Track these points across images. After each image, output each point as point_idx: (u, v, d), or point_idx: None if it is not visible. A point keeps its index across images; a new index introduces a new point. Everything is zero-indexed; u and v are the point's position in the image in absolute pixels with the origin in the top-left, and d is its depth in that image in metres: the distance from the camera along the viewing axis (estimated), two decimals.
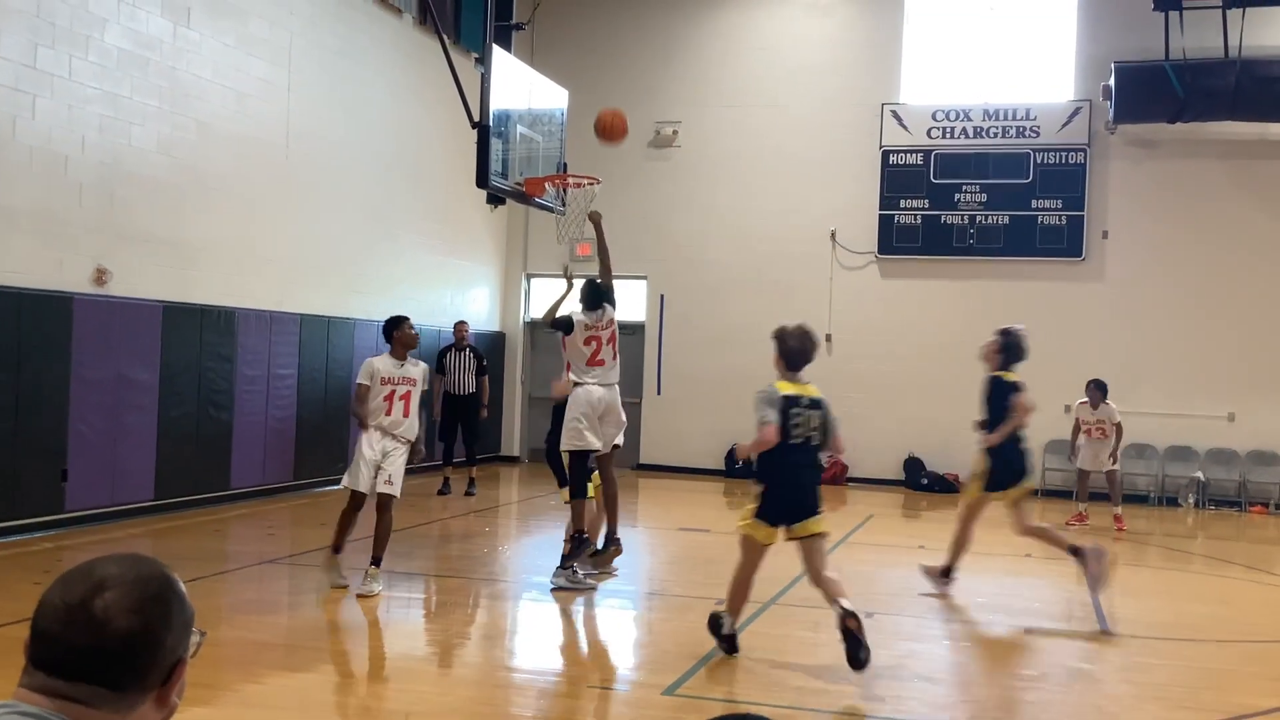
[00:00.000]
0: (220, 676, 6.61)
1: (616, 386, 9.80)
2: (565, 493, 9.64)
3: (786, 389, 7.08)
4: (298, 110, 14.08)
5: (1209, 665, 7.69)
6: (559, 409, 9.78)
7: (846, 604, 6.73)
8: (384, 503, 8.91)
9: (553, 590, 9.14)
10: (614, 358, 9.75)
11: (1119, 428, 14.14)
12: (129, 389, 11.61)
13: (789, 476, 7.07)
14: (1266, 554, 13.04)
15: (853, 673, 6.69)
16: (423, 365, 9.42)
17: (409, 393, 9.10)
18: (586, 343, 9.62)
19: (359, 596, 8.64)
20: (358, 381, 9.16)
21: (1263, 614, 9.75)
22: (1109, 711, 6.50)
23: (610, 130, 10.76)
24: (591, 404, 9.40)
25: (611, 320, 9.83)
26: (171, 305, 12.15)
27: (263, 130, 13.52)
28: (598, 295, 9.86)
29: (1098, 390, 14.12)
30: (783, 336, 7.23)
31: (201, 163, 12.57)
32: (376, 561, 8.83)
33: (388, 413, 8.95)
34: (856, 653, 6.55)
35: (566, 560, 9.15)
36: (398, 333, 9.15)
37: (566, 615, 9.07)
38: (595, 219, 10.46)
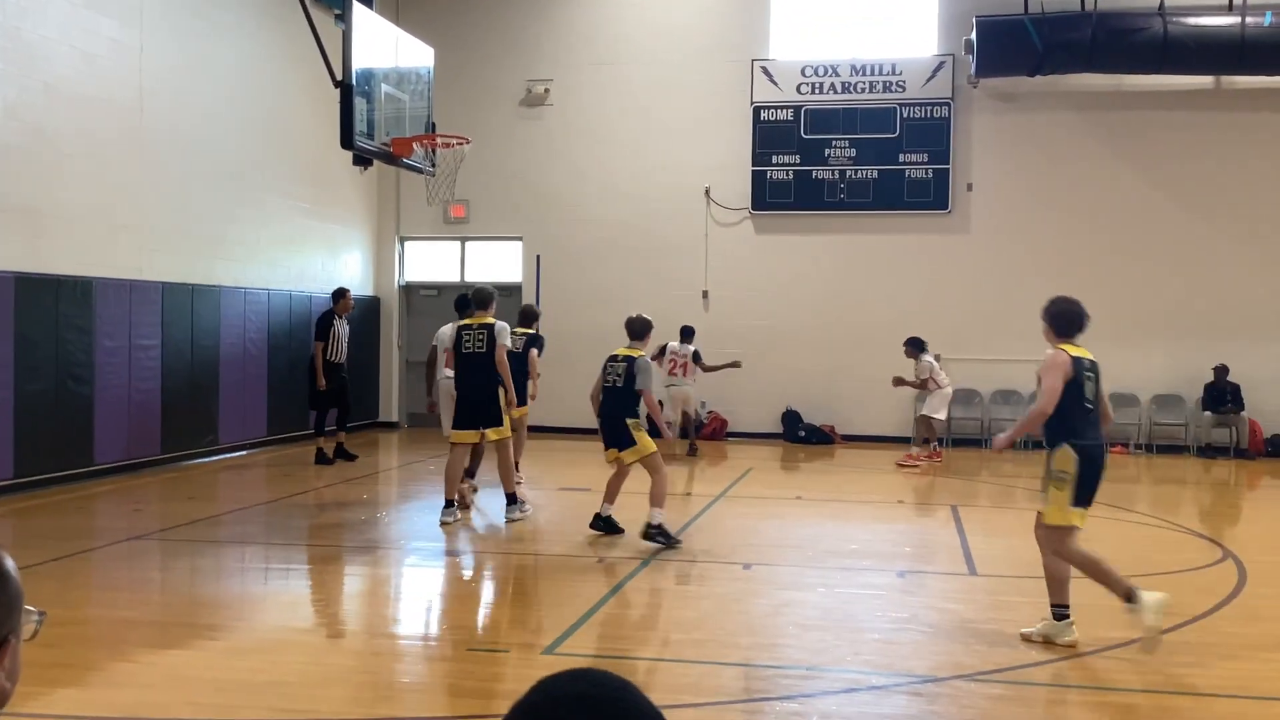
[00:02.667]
0: (87, 656, 6.43)
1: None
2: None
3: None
4: (151, 71, 13.57)
5: (1073, 600, 7.96)
6: None
7: None
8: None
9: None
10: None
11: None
12: None
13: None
14: (1127, 492, 13.56)
15: (728, 624, 6.78)
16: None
17: None
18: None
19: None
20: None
21: (1122, 550, 10.12)
22: (976, 649, 6.70)
23: None
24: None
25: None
26: (24, 276, 11.67)
27: (114, 91, 13.01)
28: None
29: (912, 346, 15.57)
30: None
31: (50, 126, 12.05)
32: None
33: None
34: None
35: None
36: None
37: (446, 580, 9.02)
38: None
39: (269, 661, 6.44)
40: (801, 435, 18.08)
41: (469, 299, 10.88)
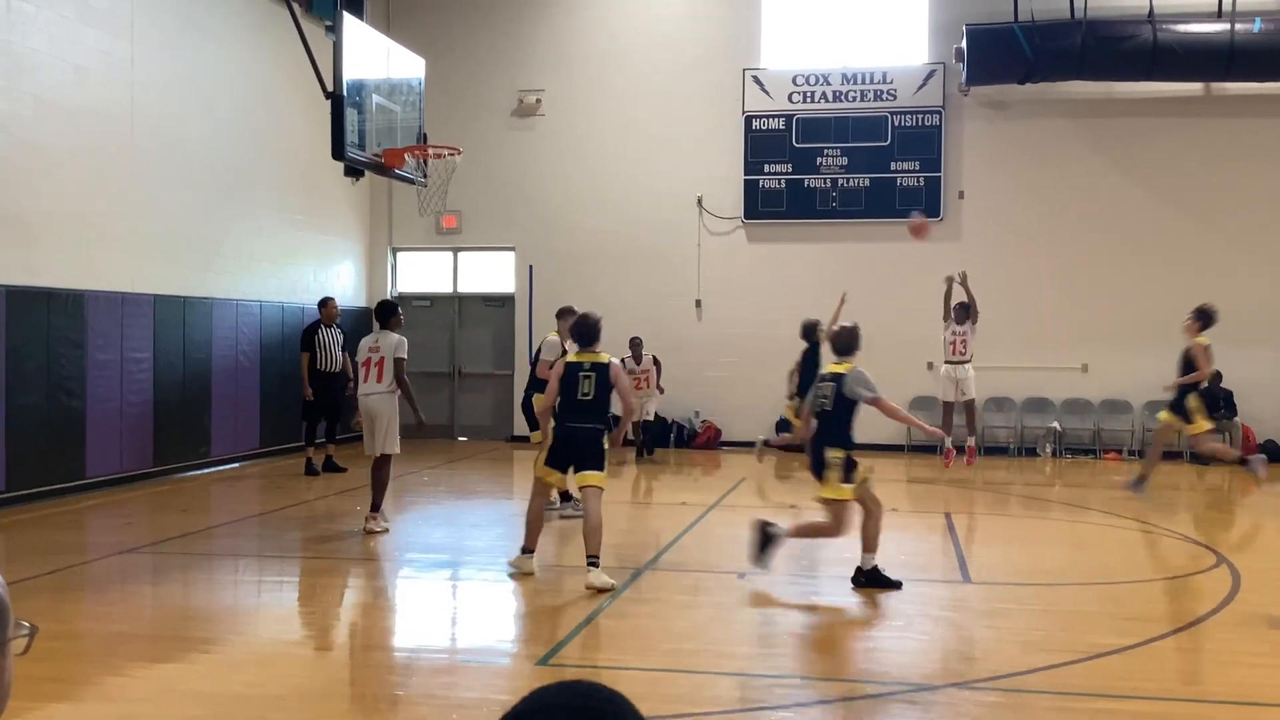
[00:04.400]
0: (78, 670, 6.39)
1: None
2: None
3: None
4: (142, 83, 13.55)
5: (1066, 608, 7.98)
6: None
7: None
8: None
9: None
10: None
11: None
12: None
13: None
14: (1121, 499, 13.56)
15: (723, 634, 6.76)
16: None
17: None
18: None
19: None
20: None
21: (1117, 556, 10.16)
22: (969, 656, 6.69)
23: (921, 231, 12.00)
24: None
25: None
26: (15, 289, 11.63)
27: (105, 104, 12.99)
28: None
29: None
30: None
31: (41, 139, 12.03)
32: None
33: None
34: None
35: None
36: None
37: (439, 592, 8.99)
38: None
39: (263, 675, 6.42)
40: (795, 444, 18.03)
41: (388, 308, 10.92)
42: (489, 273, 19.60)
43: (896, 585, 8.21)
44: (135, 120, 13.48)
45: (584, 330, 8.83)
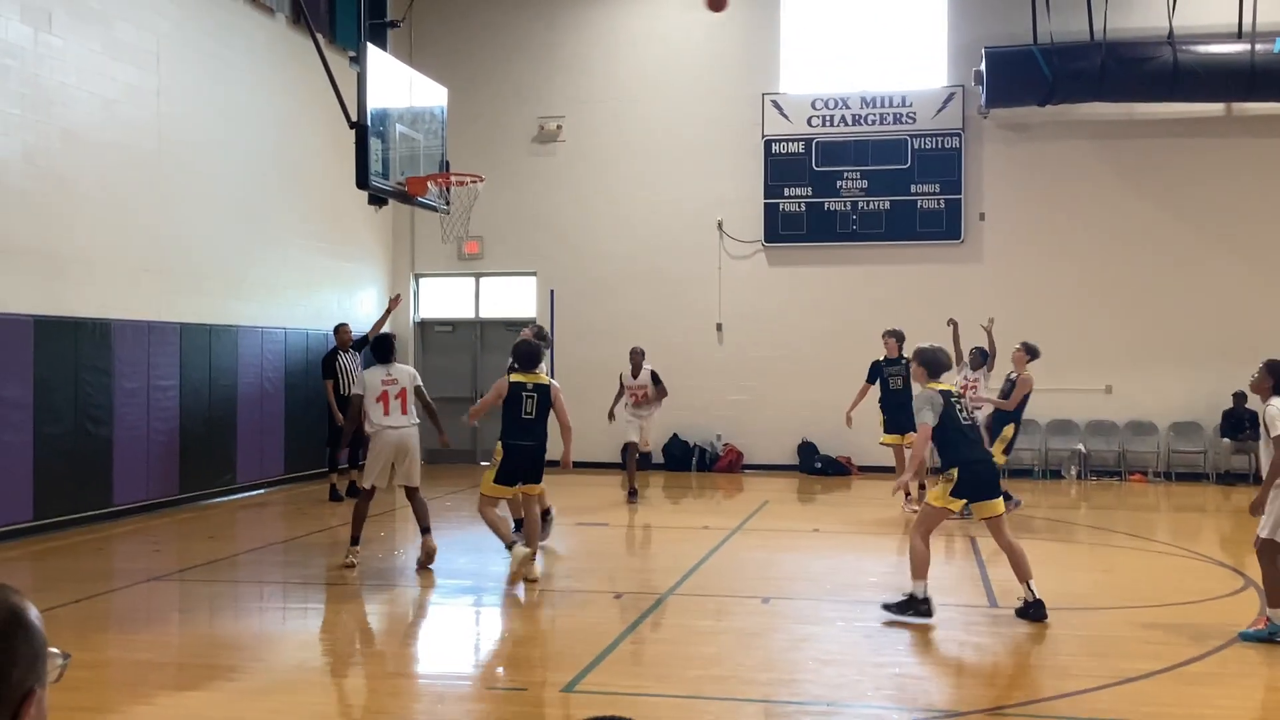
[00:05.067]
0: (107, 699, 6.44)
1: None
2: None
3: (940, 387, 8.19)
4: (169, 115, 13.72)
5: (1094, 633, 7.93)
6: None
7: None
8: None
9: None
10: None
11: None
12: (1, 407, 11.21)
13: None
14: (1147, 521, 13.50)
15: (748, 660, 6.74)
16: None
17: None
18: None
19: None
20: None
21: (1144, 580, 10.09)
22: (997, 683, 6.66)
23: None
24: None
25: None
26: (43, 319, 11.76)
27: (132, 136, 13.15)
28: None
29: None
30: (921, 351, 8.39)
31: (69, 171, 12.19)
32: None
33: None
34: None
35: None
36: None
37: (463, 618, 9.01)
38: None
39: (288, 702, 6.44)
40: (818, 467, 18.04)
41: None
42: (511, 298, 19.69)
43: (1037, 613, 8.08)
44: (162, 152, 13.63)
45: (526, 354, 9.53)
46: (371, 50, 11.13)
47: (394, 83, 11.72)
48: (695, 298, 18.77)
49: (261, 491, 15.53)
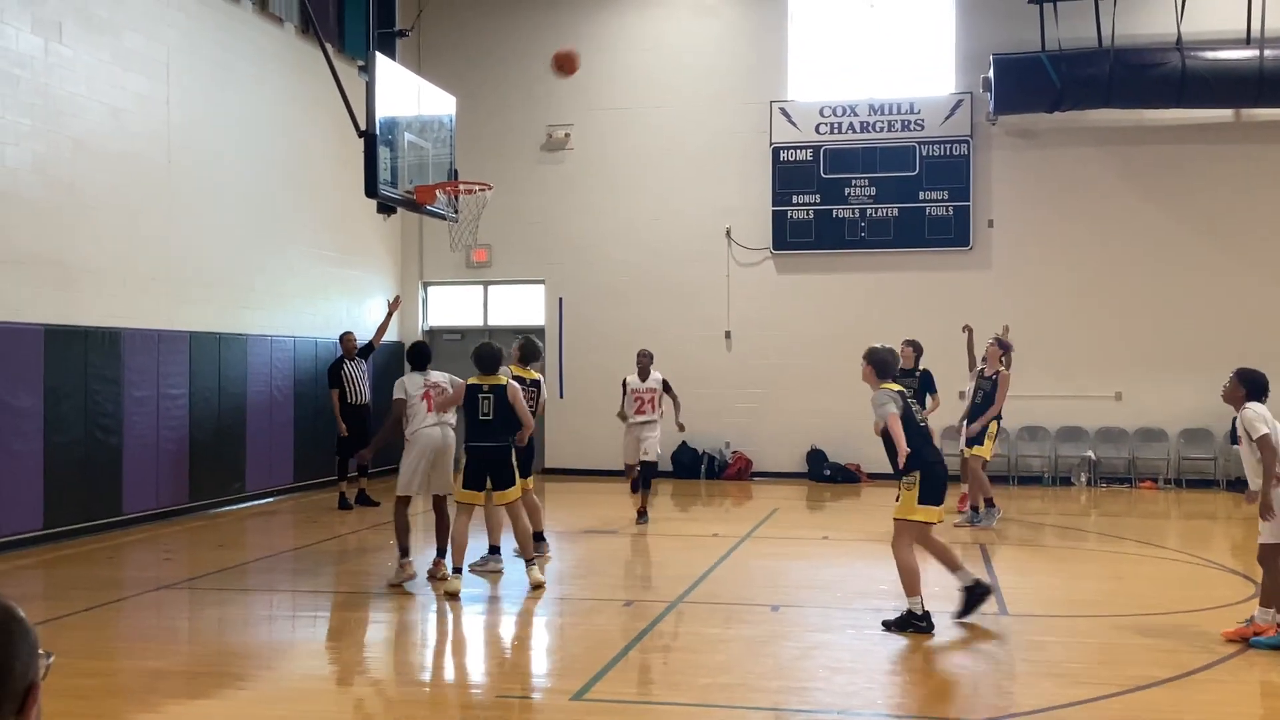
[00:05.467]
0: (116, 707, 6.44)
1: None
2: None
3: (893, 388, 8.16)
4: (178, 124, 13.77)
5: (1103, 640, 7.91)
6: None
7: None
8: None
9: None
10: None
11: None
12: (11, 416, 11.25)
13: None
14: (1157, 528, 13.45)
15: (757, 667, 6.72)
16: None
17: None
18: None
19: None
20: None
21: (1154, 587, 10.06)
22: (1006, 690, 6.64)
23: (567, 64, 11.77)
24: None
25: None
26: (53, 328, 11.80)
27: (142, 145, 13.20)
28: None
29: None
30: (872, 351, 8.35)
31: (79, 181, 12.23)
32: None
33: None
34: None
35: None
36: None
37: (473, 625, 9.01)
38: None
39: (297, 711, 6.45)
40: (827, 474, 18.01)
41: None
42: (519, 306, 19.71)
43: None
44: (171, 161, 13.68)
45: (483, 356, 9.66)
46: (380, 59, 11.16)
47: (402, 91, 11.74)
48: (703, 305, 18.77)
49: (271, 500, 15.55)
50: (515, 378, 10.16)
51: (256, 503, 15.25)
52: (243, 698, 6.69)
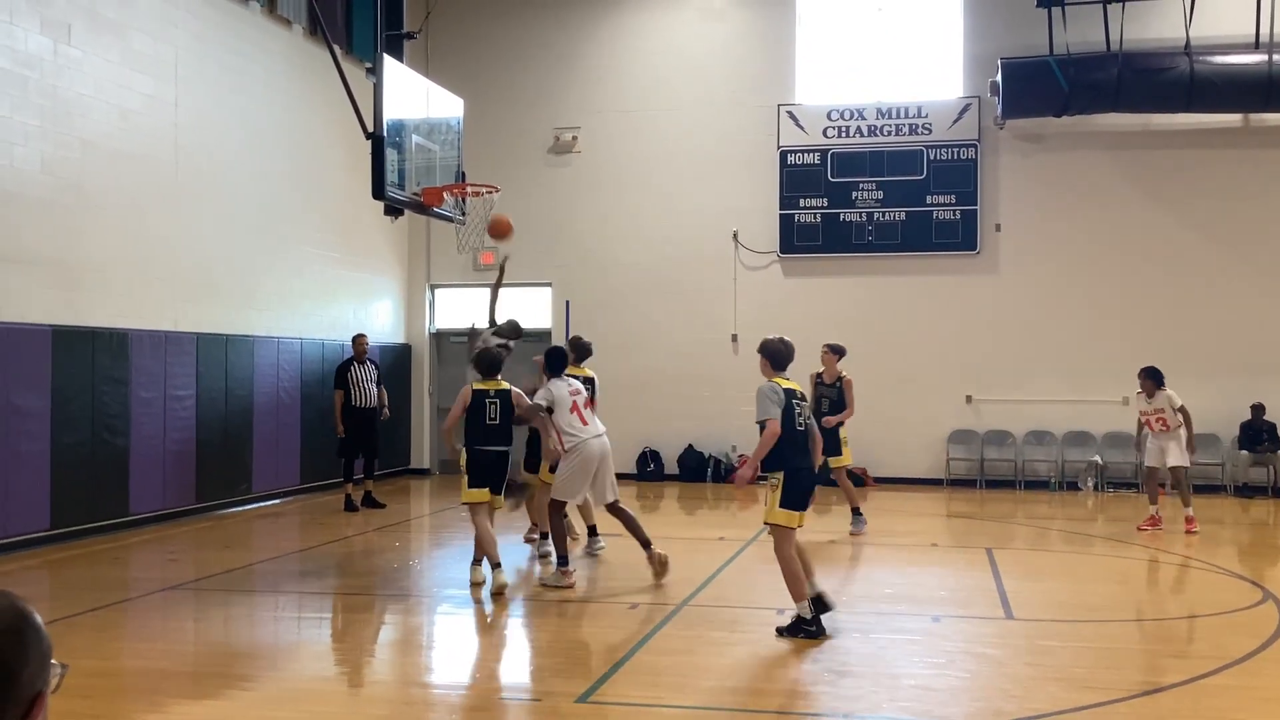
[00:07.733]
0: (121, 708, 6.44)
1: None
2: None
3: (785, 384, 8.09)
4: (186, 125, 13.80)
5: (1109, 644, 7.89)
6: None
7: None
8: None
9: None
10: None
11: (1185, 414, 13.16)
12: (18, 417, 11.27)
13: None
14: (1164, 533, 13.40)
15: (763, 671, 6.71)
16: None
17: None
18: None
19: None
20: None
21: (1161, 592, 10.04)
22: (1013, 694, 6.62)
23: (502, 230, 12.07)
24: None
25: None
26: (60, 329, 11.82)
27: (149, 147, 13.23)
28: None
29: (1149, 378, 13.24)
30: (766, 343, 8.34)
31: (87, 181, 12.26)
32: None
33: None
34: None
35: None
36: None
37: (478, 628, 9.01)
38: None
39: (302, 712, 6.44)
40: (832, 478, 17.92)
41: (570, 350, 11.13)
42: (526, 308, 19.66)
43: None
44: (179, 162, 13.71)
45: (486, 362, 9.91)
46: (388, 61, 11.17)
47: (410, 94, 11.75)
48: (711, 308, 18.76)
49: (277, 501, 15.57)
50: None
51: (263, 504, 15.26)
52: (248, 699, 6.69)
